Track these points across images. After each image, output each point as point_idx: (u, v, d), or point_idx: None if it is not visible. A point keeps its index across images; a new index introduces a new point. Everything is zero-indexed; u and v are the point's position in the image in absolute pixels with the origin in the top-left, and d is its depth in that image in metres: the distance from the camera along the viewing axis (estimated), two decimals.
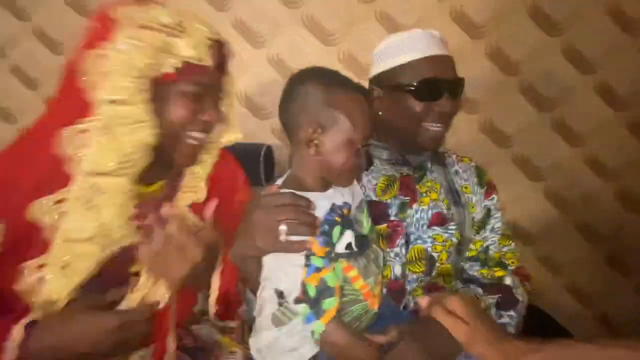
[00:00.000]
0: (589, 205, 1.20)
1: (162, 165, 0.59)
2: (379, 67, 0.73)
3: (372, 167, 0.73)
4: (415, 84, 0.67)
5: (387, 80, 0.71)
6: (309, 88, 0.56)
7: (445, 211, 0.72)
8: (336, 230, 0.54)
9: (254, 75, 1.18)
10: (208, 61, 0.55)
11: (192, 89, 0.55)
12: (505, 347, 0.47)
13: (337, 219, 0.55)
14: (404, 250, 0.70)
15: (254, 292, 0.58)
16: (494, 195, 0.79)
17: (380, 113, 0.72)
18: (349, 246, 0.55)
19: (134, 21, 0.52)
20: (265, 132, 1.21)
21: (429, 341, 0.53)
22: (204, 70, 0.55)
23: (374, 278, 0.57)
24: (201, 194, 0.63)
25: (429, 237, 0.70)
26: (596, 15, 1.08)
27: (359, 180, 0.68)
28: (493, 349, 0.47)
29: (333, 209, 0.56)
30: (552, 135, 1.17)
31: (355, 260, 0.55)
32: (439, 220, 0.71)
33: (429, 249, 0.71)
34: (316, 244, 0.53)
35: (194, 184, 0.64)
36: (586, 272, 1.25)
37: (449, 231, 0.71)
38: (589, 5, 1.07)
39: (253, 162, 1.08)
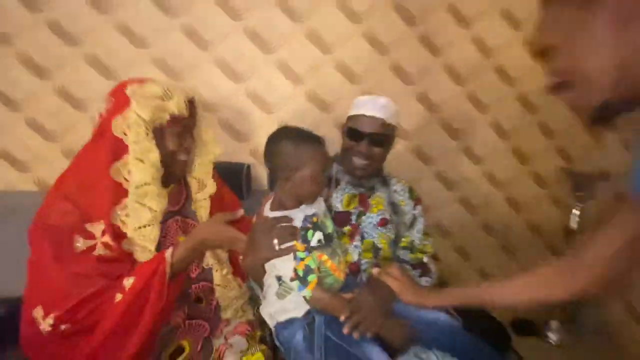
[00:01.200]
0: (488, 208, 1.63)
1: (170, 175, 0.89)
2: (350, 113, 1.04)
3: (339, 187, 1.04)
4: (347, 128, 1.01)
5: (346, 123, 1.04)
6: (283, 144, 0.83)
7: (387, 217, 1.05)
8: (309, 232, 0.83)
9: (234, 106, 1.40)
10: (185, 113, 0.85)
11: (178, 130, 0.86)
12: (422, 292, 0.81)
13: (309, 225, 0.84)
14: (360, 244, 1.01)
15: (256, 282, 0.87)
16: (419, 206, 1.14)
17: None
18: (319, 241, 0.84)
19: (139, 95, 0.81)
20: (244, 153, 1.44)
21: (377, 293, 0.85)
22: (184, 118, 0.86)
23: (338, 259, 0.88)
24: (213, 188, 0.98)
25: (376, 234, 1.03)
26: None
27: (321, 196, 0.96)
28: (414, 295, 0.81)
29: (306, 218, 0.84)
30: (462, 157, 1.57)
31: (324, 249, 0.85)
32: (383, 223, 1.04)
33: (376, 242, 1.03)
34: (298, 244, 0.81)
35: (203, 185, 0.97)
36: (488, 257, 1.68)
37: (389, 230, 1.04)
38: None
39: (237, 178, 1.31)
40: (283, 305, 0.81)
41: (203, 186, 0.98)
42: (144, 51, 1.31)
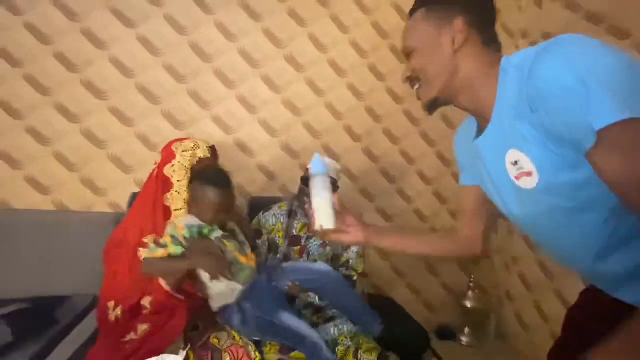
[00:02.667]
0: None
1: None
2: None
3: (296, 217, 1.47)
4: (302, 176, 1.45)
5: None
6: (198, 183, 1.18)
7: (326, 242, 1.47)
8: (206, 229, 1.15)
9: (224, 152, 1.82)
10: (208, 156, 1.28)
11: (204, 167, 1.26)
12: (368, 231, 0.87)
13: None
14: (306, 258, 1.43)
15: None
16: None
17: None
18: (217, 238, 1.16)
19: (180, 149, 1.24)
20: None
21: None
22: (208, 159, 1.28)
23: (244, 253, 1.22)
24: None
25: (317, 253, 1.45)
26: None
27: None
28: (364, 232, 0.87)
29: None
30: (396, 196, 2.07)
31: (230, 241, 1.19)
32: (324, 245, 1.47)
33: (317, 259, 1.44)
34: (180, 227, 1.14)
35: None
36: (416, 274, 2.13)
37: (328, 251, 1.47)
38: None
39: None
40: (217, 297, 1.15)
41: None
42: (157, 107, 1.72)
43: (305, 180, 1.43)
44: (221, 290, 1.13)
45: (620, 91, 0.49)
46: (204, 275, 1.11)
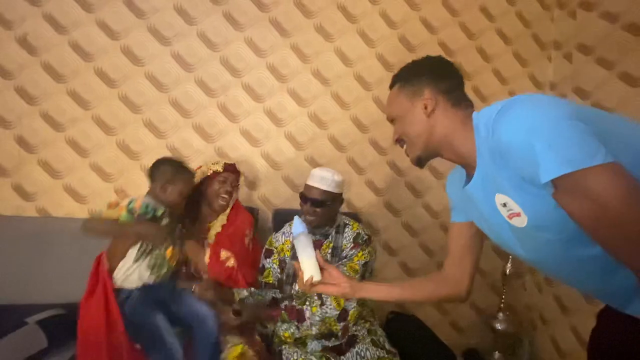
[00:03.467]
0: (442, 252, 2.03)
1: (214, 212, 1.41)
2: None
3: None
4: (300, 193, 1.39)
5: None
6: (169, 166, 1.35)
7: (328, 259, 1.39)
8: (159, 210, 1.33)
9: (250, 164, 1.85)
10: (220, 170, 1.41)
11: (220, 179, 1.42)
12: (355, 286, 0.94)
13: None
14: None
15: None
16: (357, 248, 1.42)
17: None
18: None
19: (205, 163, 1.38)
20: (255, 199, 1.86)
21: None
22: (220, 173, 1.40)
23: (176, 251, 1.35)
24: (224, 218, 1.49)
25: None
26: None
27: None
28: (350, 288, 0.94)
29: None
30: (422, 211, 2.02)
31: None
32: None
33: None
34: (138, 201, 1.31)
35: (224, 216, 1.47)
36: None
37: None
38: None
39: None
40: (123, 277, 1.27)
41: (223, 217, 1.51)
42: (188, 120, 1.78)
43: (303, 198, 1.39)
44: (133, 277, 1.26)
45: (562, 146, 0.55)
46: (129, 255, 1.25)
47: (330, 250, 1.42)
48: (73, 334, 1.27)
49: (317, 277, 0.92)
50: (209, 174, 1.46)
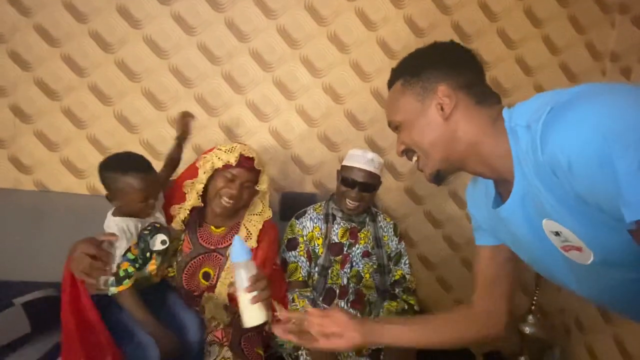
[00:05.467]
0: (468, 246, 1.84)
1: (218, 216, 1.15)
2: (343, 162, 1.29)
3: (335, 221, 1.28)
4: (342, 177, 1.24)
5: (340, 171, 1.27)
6: (115, 173, 0.98)
7: (369, 250, 1.27)
8: (149, 236, 1.02)
9: (258, 142, 1.68)
10: (233, 163, 1.09)
11: (227, 175, 1.11)
12: (365, 331, 0.73)
13: (146, 231, 1.03)
14: (348, 270, 1.24)
15: None
16: (402, 242, 1.36)
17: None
18: (163, 242, 1.03)
19: (219, 146, 1.12)
20: None
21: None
22: (232, 168, 1.11)
23: (164, 266, 1.10)
24: (254, 242, 1.18)
25: (361, 264, 1.25)
26: None
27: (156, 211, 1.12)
28: (360, 334, 0.73)
29: (149, 225, 1.04)
30: (448, 199, 1.80)
31: (159, 256, 1.05)
32: (366, 254, 1.27)
33: (360, 270, 1.25)
34: (133, 248, 0.99)
35: (249, 237, 1.18)
36: (466, 290, 1.87)
37: (372, 261, 1.27)
38: None
39: None
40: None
41: (249, 237, 1.18)
42: (190, 90, 1.61)
43: (349, 182, 1.22)
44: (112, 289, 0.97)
45: None
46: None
47: (371, 241, 1.29)
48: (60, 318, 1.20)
49: (260, 319, 0.76)
50: (219, 166, 1.10)
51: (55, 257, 1.44)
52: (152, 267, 1.03)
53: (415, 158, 0.68)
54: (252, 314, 0.77)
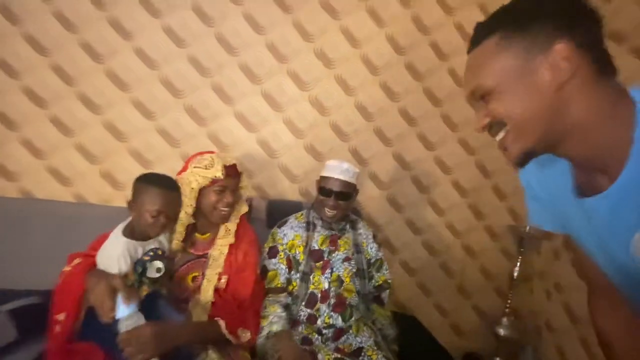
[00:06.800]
0: (447, 253, 1.93)
1: (210, 224, 1.18)
2: (321, 173, 1.35)
3: (315, 230, 1.33)
4: (320, 186, 1.31)
5: (319, 182, 1.34)
6: (138, 184, 1.07)
7: (350, 256, 1.34)
8: (147, 263, 1.01)
9: (246, 150, 1.73)
10: (221, 177, 1.12)
11: (217, 189, 1.14)
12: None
13: (147, 257, 1.03)
14: (329, 275, 1.30)
15: None
16: (381, 250, 1.43)
17: None
18: (159, 270, 1.03)
19: (194, 164, 1.14)
20: (249, 188, 1.75)
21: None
22: (221, 181, 1.13)
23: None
24: (232, 239, 1.21)
25: (342, 269, 1.31)
26: None
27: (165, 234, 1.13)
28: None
29: (150, 250, 1.04)
30: (427, 208, 1.89)
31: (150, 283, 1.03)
32: (347, 260, 1.33)
33: (341, 275, 1.31)
34: (130, 273, 1.00)
35: (228, 234, 1.20)
36: (444, 294, 1.96)
37: (351, 266, 1.33)
38: None
39: None
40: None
41: (228, 234, 1.21)
42: (180, 100, 1.65)
43: (326, 191, 1.30)
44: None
45: None
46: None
47: (351, 248, 1.36)
48: (46, 325, 1.20)
49: None
50: (206, 184, 1.13)
51: (40, 264, 1.45)
52: (143, 292, 1.03)
53: (502, 134, 0.54)
54: None
